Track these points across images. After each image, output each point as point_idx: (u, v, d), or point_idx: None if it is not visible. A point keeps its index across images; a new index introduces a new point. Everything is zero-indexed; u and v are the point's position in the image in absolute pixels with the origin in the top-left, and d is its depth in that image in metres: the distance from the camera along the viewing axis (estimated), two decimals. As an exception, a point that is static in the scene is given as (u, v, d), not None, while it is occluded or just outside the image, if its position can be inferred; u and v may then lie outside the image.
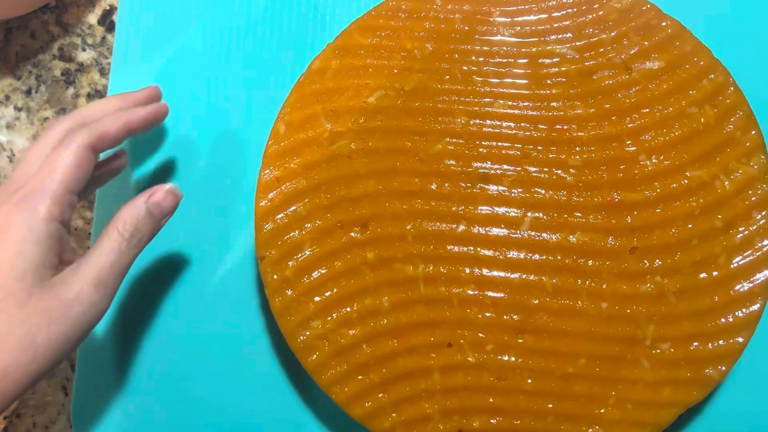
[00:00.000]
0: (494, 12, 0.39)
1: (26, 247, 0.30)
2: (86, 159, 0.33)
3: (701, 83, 0.38)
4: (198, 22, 0.44)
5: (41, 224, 0.31)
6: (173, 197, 0.35)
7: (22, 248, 0.30)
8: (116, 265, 0.32)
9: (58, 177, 0.32)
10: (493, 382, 0.36)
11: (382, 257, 0.37)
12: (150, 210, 0.34)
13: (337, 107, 0.38)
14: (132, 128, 0.35)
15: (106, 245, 0.32)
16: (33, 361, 0.30)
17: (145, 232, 0.33)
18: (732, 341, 0.36)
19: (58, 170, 0.32)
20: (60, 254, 0.32)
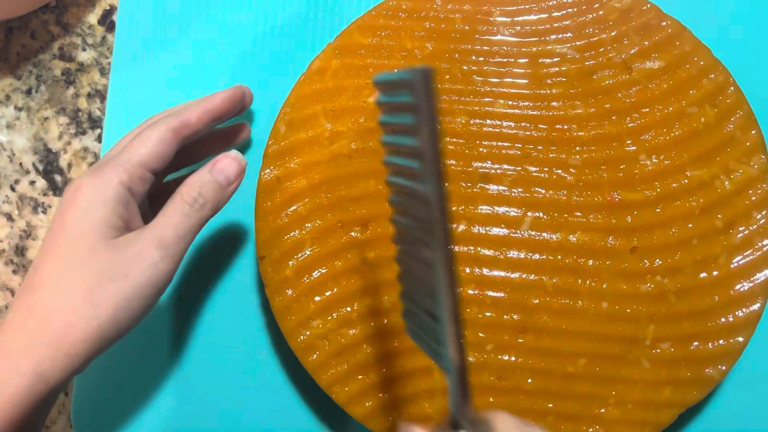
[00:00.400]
0: (494, 12, 0.39)
1: (92, 206, 0.32)
2: (167, 140, 0.34)
3: (701, 83, 0.38)
4: (198, 21, 0.44)
5: (108, 186, 0.32)
6: (237, 164, 0.35)
7: (88, 207, 0.32)
8: (179, 227, 0.33)
9: (134, 150, 0.33)
10: (493, 381, 0.36)
11: (382, 257, 0.37)
12: (214, 177, 0.34)
13: (337, 107, 0.38)
14: (214, 112, 0.36)
15: (170, 208, 0.33)
16: (94, 317, 0.31)
17: (209, 197, 0.34)
18: (732, 341, 0.36)
19: (137, 145, 0.33)
20: (126, 220, 0.33)
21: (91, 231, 0.31)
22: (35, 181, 0.45)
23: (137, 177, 0.33)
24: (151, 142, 0.34)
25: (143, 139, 0.34)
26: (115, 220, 0.32)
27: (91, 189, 0.32)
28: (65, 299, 0.31)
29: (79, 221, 0.31)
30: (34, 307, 0.31)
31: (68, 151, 0.45)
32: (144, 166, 0.33)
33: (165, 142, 0.34)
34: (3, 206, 0.45)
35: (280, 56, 0.44)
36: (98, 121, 0.45)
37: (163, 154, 0.34)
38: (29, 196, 0.45)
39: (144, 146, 0.34)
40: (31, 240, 0.45)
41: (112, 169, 0.33)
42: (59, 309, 0.30)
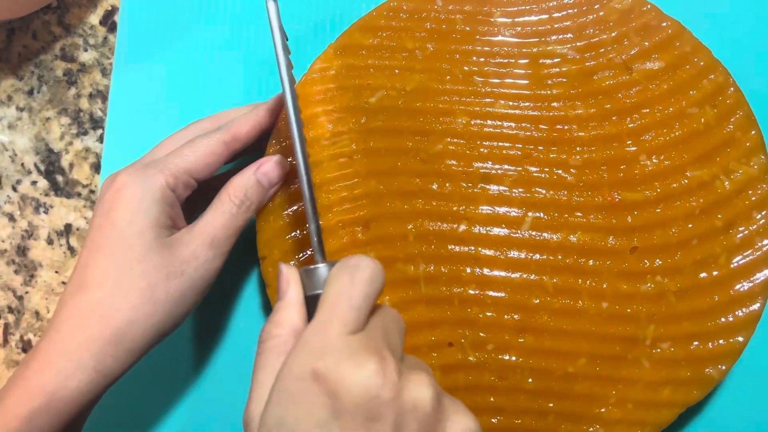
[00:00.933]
0: (495, 12, 0.39)
1: (145, 205, 0.33)
2: (217, 153, 0.35)
3: (701, 83, 0.38)
4: (199, 22, 0.44)
5: (156, 187, 0.33)
6: (281, 168, 0.36)
7: (140, 206, 0.33)
8: (228, 227, 0.34)
9: (183, 158, 0.34)
10: (493, 381, 0.36)
11: (383, 257, 0.37)
12: (259, 179, 0.35)
13: (338, 107, 0.38)
14: (262, 125, 0.37)
15: (219, 209, 0.34)
16: (153, 314, 0.32)
17: (253, 199, 0.35)
18: (732, 341, 0.36)
19: (187, 152, 0.35)
20: (173, 219, 0.34)
21: (146, 230, 0.32)
22: (37, 181, 0.45)
23: (182, 182, 0.34)
24: (201, 152, 0.35)
25: (193, 148, 0.35)
26: (165, 221, 0.33)
27: (139, 189, 0.33)
28: (125, 297, 0.32)
29: (132, 221, 0.32)
30: (93, 306, 0.32)
31: (70, 151, 0.45)
32: (190, 174, 0.35)
33: (215, 155, 0.35)
34: (5, 206, 0.45)
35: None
36: (100, 122, 0.45)
37: (211, 166, 0.35)
38: (31, 196, 0.45)
39: (194, 154, 0.34)
40: (33, 240, 0.45)
41: (160, 172, 0.34)
42: (119, 308, 0.32)
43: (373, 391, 0.25)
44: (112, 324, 0.32)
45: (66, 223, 0.45)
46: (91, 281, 0.32)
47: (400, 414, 0.25)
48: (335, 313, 0.27)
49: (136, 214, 0.33)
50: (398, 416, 0.25)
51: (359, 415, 0.25)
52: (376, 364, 0.26)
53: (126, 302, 0.32)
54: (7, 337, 0.45)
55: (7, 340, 0.45)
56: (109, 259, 0.32)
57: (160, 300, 0.32)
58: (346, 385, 0.25)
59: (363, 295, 0.28)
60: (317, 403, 0.25)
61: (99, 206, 0.34)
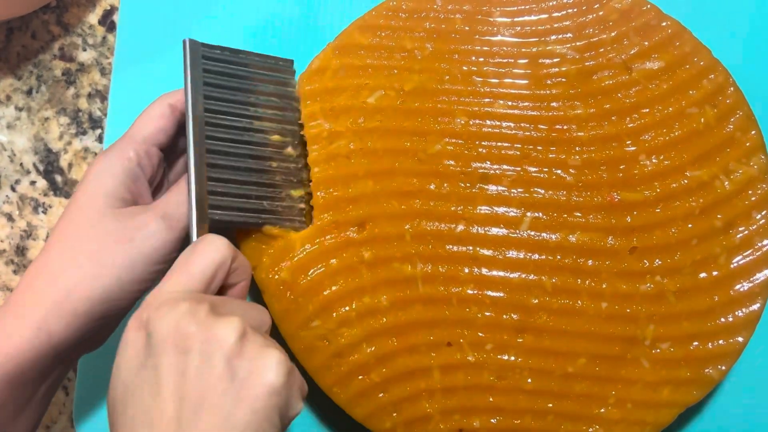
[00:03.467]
0: (494, 12, 0.39)
1: (103, 178, 0.34)
2: (165, 114, 0.36)
3: (701, 83, 0.38)
4: (198, 21, 0.44)
5: (116, 160, 0.35)
6: None
7: (99, 179, 0.34)
8: (182, 203, 0.35)
9: (136, 127, 0.36)
10: (493, 381, 0.36)
11: (380, 257, 0.37)
12: None
13: (336, 107, 0.38)
14: None
15: (175, 189, 0.35)
16: (98, 276, 0.33)
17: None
18: (732, 341, 0.36)
19: (139, 122, 0.36)
20: (134, 193, 0.35)
21: (99, 198, 0.34)
22: (36, 181, 0.45)
23: (143, 152, 0.35)
24: (151, 117, 0.36)
25: (144, 116, 0.36)
26: (122, 192, 0.34)
27: (101, 164, 0.35)
28: (72, 259, 0.33)
29: (88, 191, 0.34)
30: (43, 267, 0.33)
31: (69, 151, 0.45)
32: (148, 141, 0.36)
33: (164, 117, 0.36)
34: (3, 206, 0.45)
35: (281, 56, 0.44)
36: (99, 122, 0.45)
37: (166, 128, 0.36)
38: (30, 196, 0.45)
39: (144, 122, 0.36)
40: (32, 240, 0.45)
41: (120, 145, 0.35)
42: (66, 268, 0.33)
43: (182, 328, 0.28)
44: (58, 284, 0.32)
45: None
46: (47, 245, 0.34)
47: (207, 348, 0.27)
48: (170, 276, 0.30)
49: (94, 185, 0.34)
50: (205, 349, 0.27)
51: (170, 348, 0.27)
52: (188, 305, 0.28)
53: (72, 263, 0.33)
54: (6, 337, 0.45)
55: (6, 340, 0.45)
56: (65, 225, 0.34)
57: (107, 264, 0.33)
58: (158, 324, 0.28)
59: (199, 262, 0.30)
60: (137, 344, 0.28)
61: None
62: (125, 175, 0.34)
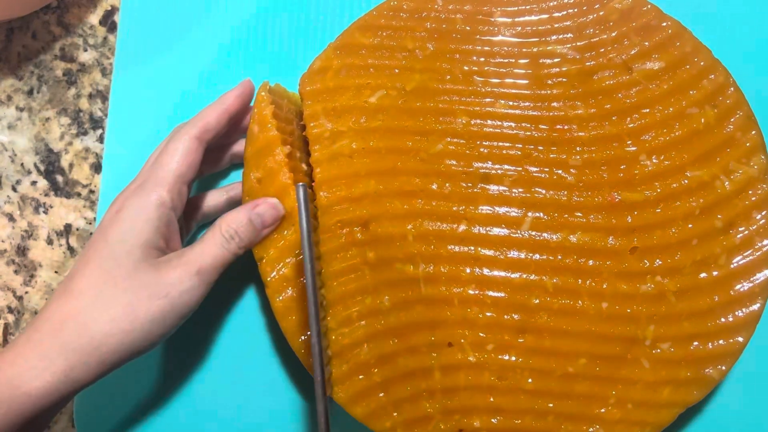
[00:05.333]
0: (495, 12, 0.39)
1: (137, 224, 0.34)
2: (194, 148, 0.36)
3: (701, 83, 0.38)
4: (199, 22, 0.44)
5: (152, 207, 0.35)
6: (275, 211, 0.37)
7: (133, 226, 0.34)
8: (216, 258, 0.35)
9: (167, 166, 0.36)
10: (493, 381, 0.36)
11: (382, 257, 0.37)
12: (251, 219, 0.36)
13: (338, 107, 0.38)
14: (229, 111, 0.38)
15: (210, 240, 0.35)
16: (131, 330, 0.33)
17: (243, 237, 0.36)
18: (732, 341, 0.36)
19: (168, 160, 0.36)
20: (167, 239, 0.35)
21: (136, 249, 0.34)
22: (36, 181, 0.45)
23: (176, 193, 0.35)
24: (180, 154, 0.36)
25: (171, 153, 0.36)
26: (157, 240, 0.34)
27: (135, 209, 0.34)
28: (105, 310, 0.33)
29: (124, 238, 0.34)
30: (74, 312, 0.33)
31: (69, 151, 0.45)
32: (180, 179, 0.36)
33: (192, 151, 0.36)
34: (4, 206, 0.45)
35: (282, 56, 0.44)
36: (99, 122, 0.45)
37: (194, 164, 0.36)
38: (31, 196, 0.45)
39: (174, 160, 0.36)
40: (32, 240, 0.45)
41: (153, 189, 0.35)
42: (98, 319, 0.32)
43: None
44: (89, 333, 0.32)
45: (66, 223, 0.45)
46: (75, 289, 0.33)
47: None
48: None
49: (129, 233, 0.34)
50: None
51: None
52: None
53: (105, 314, 0.32)
54: (7, 337, 0.45)
55: (7, 340, 0.45)
56: (96, 271, 0.33)
57: (140, 318, 0.33)
58: None
59: None
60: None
61: (98, 227, 0.35)
62: (160, 221, 0.35)
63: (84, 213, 0.45)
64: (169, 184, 0.35)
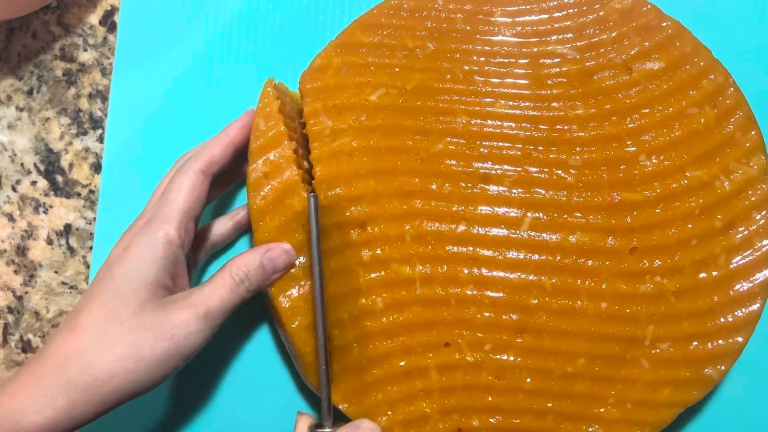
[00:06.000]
0: (495, 12, 0.39)
1: (144, 264, 0.33)
2: (199, 183, 0.36)
3: (701, 83, 0.38)
4: (199, 21, 0.44)
5: (159, 245, 0.34)
6: (287, 257, 0.36)
7: (140, 264, 0.33)
8: (225, 302, 0.34)
9: (174, 203, 0.35)
10: (492, 381, 0.36)
11: (378, 258, 0.37)
12: (263, 263, 0.35)
13: (339, 104, 0.38)
14: (234, 143, 0.38)
15: (219, 282, 0.35)
16: (134, 371, 0.32)
17: (253, 280, 0.35)
18: (731, 341, 0.36)
19: (174, 196, 0.35)
20: (174, 277, 0.35)
21: (142, 289, 0.33)
22: (36, 181, 0.45)
23: (184, 229, 0.35)
24: (186, 189, 0.35)
25: (177, 189, 0.35)
26: (164, 279, 0.34)
27: (142, 247, 0.34)
28: (109, 348, 0.32)
29: (130, 277, 0.33)
30: (78, 350, 0.32)
31: (69, 151, 0.45)
32: (188, 215, 0.35)
33: (198, 186, 0.36)
34: (4, 206, 0.45)
35: (282, 54, 0.44)
36: (99, 122, 0.45)
37: (200, 198, 0.36)
38: (30, 196, 0.45)
39: (180, 196, 0.35)
40: (32, 240, 0.45)
41: (161, 226, 0.34)
42: (102, 357, 0.32)
43: None
44: (92, 372, 0.32)
45: (66, 223, 0.45)
46: (80, 325, 0.33)
47: None
48: None
49: (136, 271, 0.33)
50: None
51: None
52: None
53: (109, 353, 0.32)
54: (7, 338, 0.45)
55: (6, 340, 0.45)
56: (101, 309, 0.33)
57: (144, 358, 0.32)
58: None
59: None
60: None
61: (104, 263, 0.35)
62: (167, 260, 0.34)
63: (84, 213, 0.45)
64: (176, 221, 0.34)
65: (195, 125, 0.43)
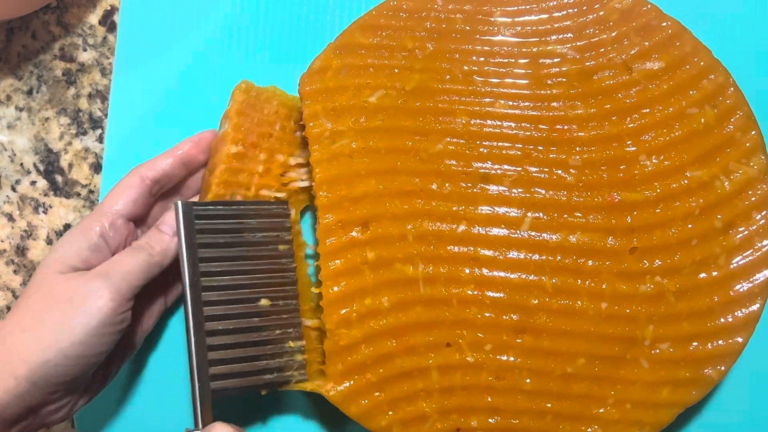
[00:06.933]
0: (495, 12, 0.39)
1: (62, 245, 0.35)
2: (135, 184, 0.37)
3: (701, 83, 0.38)
4: (199, 22, 0.44)
5: (79, 231, 0.36)
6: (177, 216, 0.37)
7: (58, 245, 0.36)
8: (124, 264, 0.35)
9: (107, 201, 0.37)
10: (491, 381, 0.36)
11: (382, 257, 0.37)
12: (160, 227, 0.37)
13: (338, 106, 0.38)
14: (182, 156, 0.39)
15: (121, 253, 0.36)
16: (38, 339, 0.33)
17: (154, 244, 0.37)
18: (731, 341, 0.36)
19: (109, 195, 0.37)
20: (89, 264, 0.35)
21: (50, 264, 0.35)
22: (36, 181, 0.45)
23: (108, 224, 0.36)
24: (120, 189, 0.37)
25: (115, 188, 0.37)
26: (74, 261, 0.35)
27: (67, 234, 0.36)
28: (18, 321, 0.33)
29: (47, 257, 0.35)
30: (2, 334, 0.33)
31: (69, 151, 0.45)
32: (117, 214, 0.37)
33: (134, 187, 0.37)
34: (4, 206, 0.45)
35: (281, 56, 0.44)
36: (99, 122, 0.45)
37: (135, 199, 0.37)
38: (30, 196, 0.45)
39: (114, 194, 0.37)
40: (32, 240, 0.45)
41: (90, 217, 0.36)
42: (12, 331, 0.33)
43: None
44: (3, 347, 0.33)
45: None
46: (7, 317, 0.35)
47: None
48: None
49: (52, 253, 0.35)
50: None
51: None
52: None
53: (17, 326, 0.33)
54: (7, 337, 0.45)
55: (6, 340, 0.45)
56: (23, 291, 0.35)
57: (46, 324, 0.33)
58: None
59: None
60: None
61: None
62: (83, 245, 0.35)
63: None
64: (104, 215, 0.36)
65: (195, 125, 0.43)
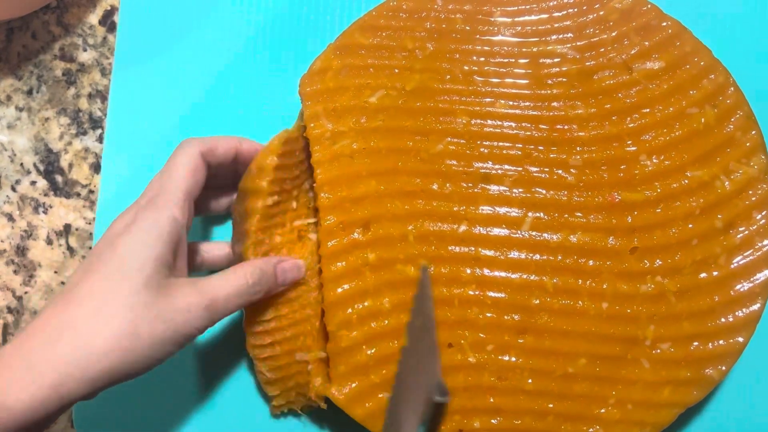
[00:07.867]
0: (495, 12, 0.39)
1: (150, 239, 0.32)
2: (200, 166, 0.35)
3: (701, 83, 0.38)
4: (199, 22, 0.44)
5: (165, 222, 0.33)
6: (297, 272, 0.37)
7: (146, 240, 0.32)
8: (230, 299, 0.34)
9: (176, 182, 0.34)
10: (493, 382, 0.36)
11: (383, 258, 0.37)
12: (277, 273, 0.36)
13: (339, 107, 0.38)
14: (241, 152, 0.37)
15: (231, 278, 0.34)
16: (131, 350, 0.30)
17: (263, 286, 0.35)
18: (732, 341, 0.36)
19: (177, 176, 0.34)
20: (176, 258, 0.34)
21: (147, 264, 0.31)
22: (36, 181, 0.45)
23: (186, 209, 0.34)
24: (187, 170, 0.35)
25: (177, 168, 0.35)
26: (168, 258, 0.32)
27: (148, 223, 0.32)
28: (108, 325, 0.30)
29: (135, 252, 0.32)
30: (72, 321, 0.30)
31: (69, 151, 0.45)
32: (187, 195, 0.34)
33: (199, 169, 0.35)
34: (4, 206, 0.45)
35: (281, 57, 0.44)
36: (99, 122, 0.45)
37: (199, 183, 0.35)
38: (30, 196, 0.45)
39: (182, 176, 0.34)
40: (32, 240, 0.45)
41: (165, 204, 0.33)
42: (97, 334, 0.30)
43: None
44: (86, 347, 0.30)
45: (65, 223, 0.45)
46: (77, 297, 0.31)
47: None
48: None
49: (141, 246, 0.32)
50: None
51: None
52: None
53: (107, 328, 0.30)
54: (7, 337, 0.45)
55: (6, 340, 0.45)
56: (101, 282, 0.31)
57: (142, 337, 0.30)
58: None
59: None
60: None
61: (103, 238, 0.33)
62: (172, 238, 0.33)
63: (84, 213, 0.45)
64: (180, 200, 0.34)
65: (195, 125, 0.43)
